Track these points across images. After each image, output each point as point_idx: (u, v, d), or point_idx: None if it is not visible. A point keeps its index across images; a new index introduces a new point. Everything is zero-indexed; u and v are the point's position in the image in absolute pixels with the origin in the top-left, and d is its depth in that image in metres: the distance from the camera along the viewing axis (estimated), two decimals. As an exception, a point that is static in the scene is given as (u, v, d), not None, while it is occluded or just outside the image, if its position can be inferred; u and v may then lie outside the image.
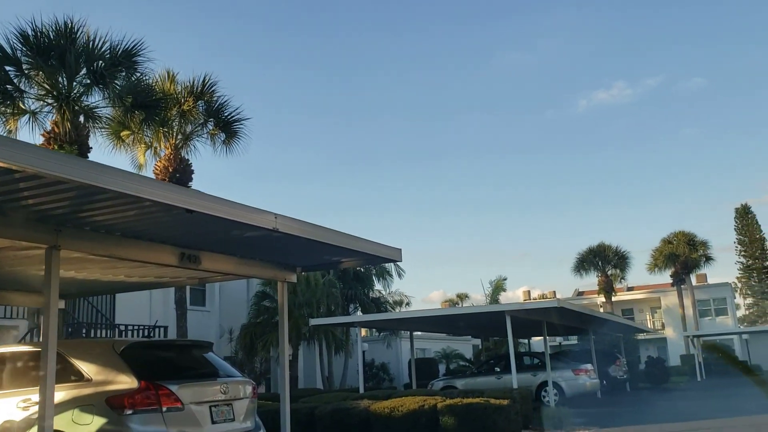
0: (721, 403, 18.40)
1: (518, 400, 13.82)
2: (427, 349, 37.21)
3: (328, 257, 8.78)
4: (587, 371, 19.83)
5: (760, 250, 66.97)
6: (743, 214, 68.09)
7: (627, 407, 18.70)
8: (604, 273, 44.55)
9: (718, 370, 37.28)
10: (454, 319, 19.13)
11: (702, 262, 43.75)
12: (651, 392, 25.25)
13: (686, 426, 12.75)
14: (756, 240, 66.96)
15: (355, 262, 9.26)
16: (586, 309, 17.86)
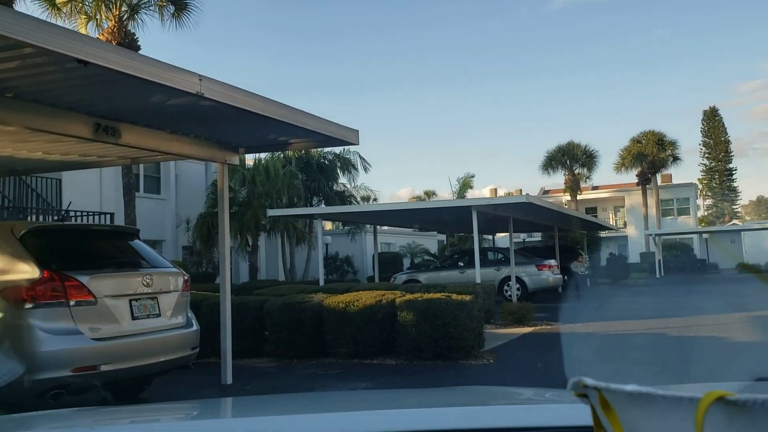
0: (679, 299, 18.46)
1: (481, 295, 13.39)
2: (392, 243, 37.03)
3: (273, 136, 7.73)
4: (550, 267, 19.61)
5: (723, 153, 67.69)
6: (711, 117, 68.22)
7: (588, 302, 18.67)
8: (571, 171, 44.26)
9: (676, 268, 38.10)
10: (419, 214, 18.47)
11: (669, 162, 43.67)
12: (611, 288, 25.52)
13: (648, 324, 12.51)
14: (721, 143, 67.49)
15: (305, 143, 8.24)
16: (554, 205, 17.36)
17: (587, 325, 12.47)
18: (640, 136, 44.42)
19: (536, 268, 19.39)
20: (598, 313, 15.27)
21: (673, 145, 43.44)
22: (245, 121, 6.71)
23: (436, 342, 8.80)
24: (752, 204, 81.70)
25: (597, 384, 0.70)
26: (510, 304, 13.19)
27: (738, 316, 12.55)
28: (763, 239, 39.71)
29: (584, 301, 19.42)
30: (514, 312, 13.02)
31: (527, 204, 15.42)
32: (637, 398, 0.65)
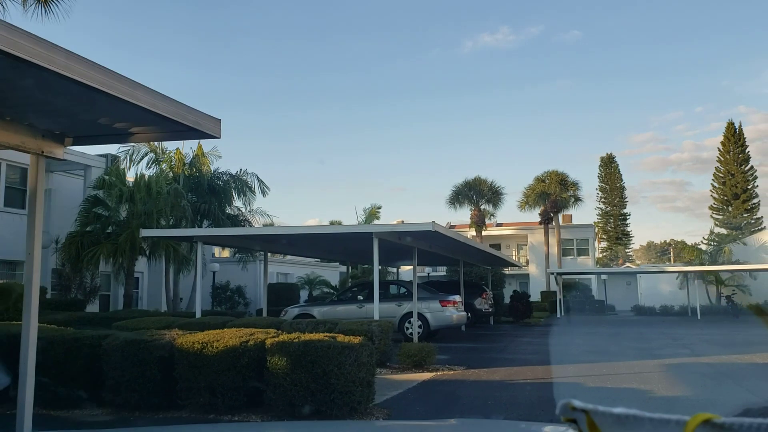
0: (585, 342, 17.55)
1: (377, 335, 11.72)
2: (290, 274, 34.91)
3: (106, 120, 5.76)
4: (455, 303, 18.28)
5: (618, 198, 70.39)
6: (607, 163, 70.95)
7: (492, 343, 17.43)
8: (477, 207, 43.93)
9: (576, 308, 38.10)
10: (315, 240, 16.68)
11: (571, 203, 44.21)
12: (514, 328, 24.56)
13: (559, 372, 11.22)
14: (616, 188, 70.18)
15: (151, 132, 6.31)
16: (461, 236, 16.13)
17: (492, 372, 11.06)
18: (544, 175, 44.84)
19: (440, 304, 18.00)
20: (502, 355, 13.94)
21: (575, 186, 44.07)
22: (66, 95, 4.78)
23: (313, 395, 7.01)
24: (642, 249, 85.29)
25: (585, 406, 0.70)
26: (409, 346, 11.56)
27: (651, 364, 11.54)
28: (657, 282, 40.61)
29: (488, 341, 18.19)
30: (413, 354, 11.41)
31: (433, 233, 14.01)
32: (625, 421, 0.65)
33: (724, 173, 55.94)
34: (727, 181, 55.46)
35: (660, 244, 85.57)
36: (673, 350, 13.85)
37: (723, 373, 10.13)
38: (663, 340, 17.46)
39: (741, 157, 55.81)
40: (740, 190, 54.71)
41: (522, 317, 27.76)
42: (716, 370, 10.34)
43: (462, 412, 7.73)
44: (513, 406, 7.91)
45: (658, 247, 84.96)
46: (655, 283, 40.57)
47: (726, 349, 13.83)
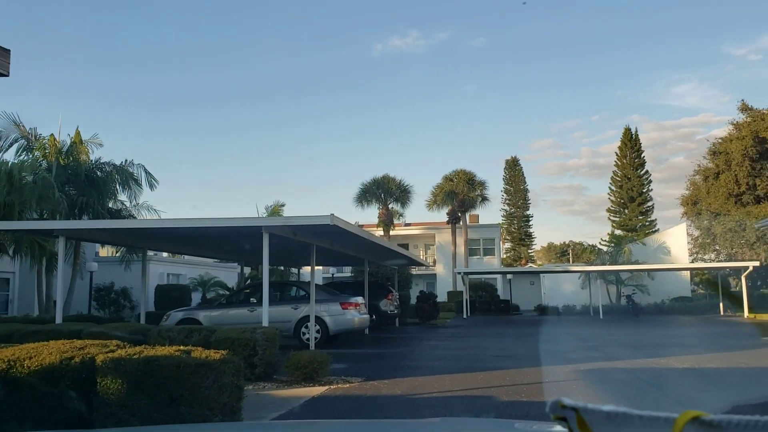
0: (494, 345, 16.60)
1: (261, 343, 10.11)
2: (182, 275, 32.44)
3: None
4: (356, 305, 16.87)
5: (522, 200, 71.68)
6: (512, 166, 72.12)
7: (397, 347, 16.15)
8: (385, 206, 42.86)
9: (482, 308, 37.74)
10: (196, 235, 14.75)
11: (478, 202, 43.98)
12: (420, 330, 23.48)
13: (466, 381, 10.01)
14: (520, 191, 71.42)
15: None
16: (362, 231, 14.75)
17: (394, 383, 9.70)
18: (452, 174, 44.39)
19: (340, 306, 16.53)
20: (407, 363, 12.65)
21: (482, 185, 43.87)
22: None
23: (157, 429, 5.34)
24: (543, 250, 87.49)
25: (575, 404, 0.70)
26: (299, 355, 10.00)
27: (566, 370, 10.56)
28: (560, 282, 41.00)
29: (392, 345, 16.90)
30: (303, 365, 9.86)
31: (332, 227, 12.54)
32: (614, 418, 0.66)
33: (621, 177, 57.71)
34: (623, 185, 57.22)
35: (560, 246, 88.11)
36: (585, 353, 13.04)
37: (643, 380, 9.27)
38: (572, 341, 16.79)
39: (637, 161, 57.75)
40: (636, 193, 56.57)
41: (429, 318, 26.78)
42: (636, 377, 9.49)
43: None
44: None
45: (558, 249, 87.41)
46: (558, 283, 40.94)
47: (639, 352, 13.18)
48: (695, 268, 39.14)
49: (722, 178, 34.56)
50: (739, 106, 34.89)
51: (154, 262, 29.75)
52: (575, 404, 0.71)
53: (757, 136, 32.31)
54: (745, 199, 34.63)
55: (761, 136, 32.12)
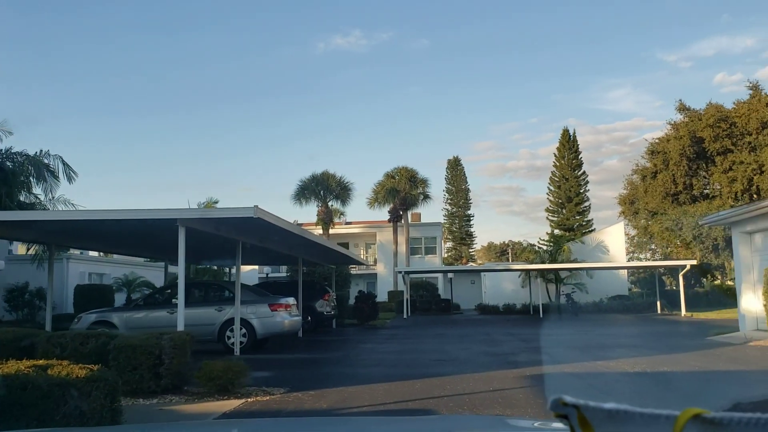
0: (436, 348, 15.68)
1: (168, 351, 8.81)
2: (106, 274, 30.38)
3: None
4: (287, 306, 15.62)
5: (463, 200, 71.69)
6: (454, 166, 72.02)
7: (331, 352, 15.02)
8: (325, 203, 41.60)
9: (423, 308, 36.98)
10: (102, 229, 13.18)
11: (420, 200, 43.25)
12: (358, 331, 22.40)
13: (404, 390, 8.98)
14: (461, 190, 71.43)
15: None
16: (293, 226, 13.55)
17: (321, 395, 8.57)
18: (394, 171, 43.51)
19: (269, 308, 15.26)
20: (339, 369, 11.54)
21: (424, 183, 43.14)
22: None
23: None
24: (484, 249, 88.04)
25: (576, 401, 0.71)
26: (211, 365, 8.75)
27: (511, 376, 9.67)
28: (500, 281, 40.64)
29: (326, 349, 15.75)
30: (217, 376, 8.62)
31: (256, 220, 11.29)
32: (616, 416, 0.66)
33: (559, 177, 58.20)
34: (562, 185, 57.70)
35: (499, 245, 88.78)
36: (529, 356, 12.23)
37: (596, 387, 8.47)
38: (514, 342, 16.03)
39: (574, 162, 58.34)
40: (573, 193, 57.14)
41: (367, 319, 25.75)
42: (587, 383, 8.68)
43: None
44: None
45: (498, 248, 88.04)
46: (498, 281, 40.58)
47: (585, 353, 12.48)
48: (634, 267, 39.47)
49: (660, 178, 34.85)
50: (677, 106, 35.32)
51: (74, 260, 27.71)
52: (576, 402, 0.70)
53: (694, 135, 32.64)
54: (681, 198, 35.02)
55: (698, 135, 32.46)
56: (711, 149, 32.20)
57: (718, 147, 31.99)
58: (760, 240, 15.28)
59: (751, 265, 15.58)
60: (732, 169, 31.64)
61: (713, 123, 32.01)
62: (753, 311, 15.43)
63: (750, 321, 15.47)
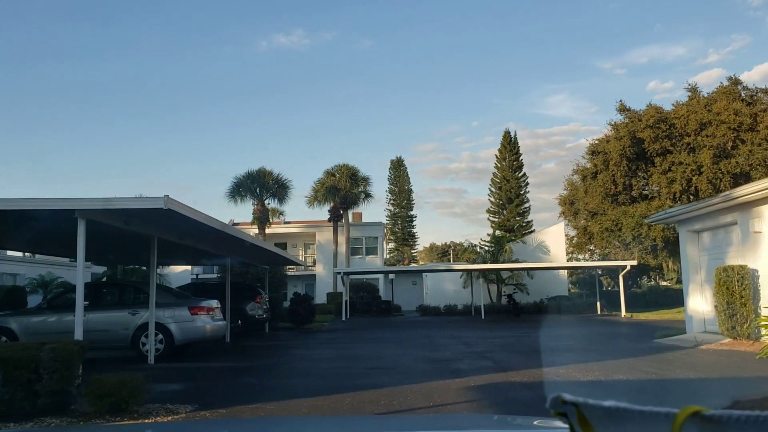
0: (370, 351, 14.56)
1: (48, 365, 7.36)
2: (21, 274, 28.01)
3: None
4: (210, 310, 14.19)
5: (406, 200, 71.16)
6: (397, 166, 71.44)
7: (258, 360, 13.68)
8: (261, 201, 39.92)
9: (362, 309, 35.87)
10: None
11: (361, 199, 42.11)
12: (292, 336, 21.06)
13: (329, 406, 7.79)
14: (404, 191, 70.91)
15: None
16: (213, 220, 12.15)
17: (235, 413, 7.30)
18: (334, 169, 42.20)
19: (189, 311, 13.80)
20: (262, 381, 10.26)
21: (365, 181, 42.01)
22: None
23: None
24: (426, 250, 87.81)
25: (576, 399, 0.70)
26: (101, 380, 7.35)
27: (454, 387, 8.62)
28: (442, 282, 39.93)
29: (253, 356, 14.40)
30: (109, 393, 7.23)
31: (167, 212, 9.89)
32: (615, 414, 0.66)
33: (500, 179, 58.36)
34: (503, 186, 57.87)
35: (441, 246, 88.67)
36: (472, 362, 11.24)
37: (549, 400, 7.51)
38: (456, 346, 15.07)
39: (515, 164, 58.62)
40: (514, 194, 57.39)
41: (303, 322, 24.42)
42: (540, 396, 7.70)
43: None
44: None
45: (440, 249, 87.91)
46: (440, 282, 39.85)
47: (531, 359, 11.57)
48: (576, 267, 39.44)
49: (600, 178, 34.79)
50: (618, 107, 35.35)
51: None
52: (576, 399, 0.70)
53: (634, 136, 32.66)
54: (621, 198, 35.06)
55: (638, 136, 32.49)
56: (650, 150, 32.28)
57: (658, 148, 32.08)
58: (708, 239, 14.80)
59: (699, 265, 15.10)
60: (671, 170, 31.77)
61: (653, 124, 32.10)
62: (700, 312, 14.94)
63: (697, 323, 14.96)
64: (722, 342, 12.44)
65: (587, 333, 16.83)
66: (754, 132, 30.44)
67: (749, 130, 30.56)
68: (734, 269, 12.31)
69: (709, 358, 10.72)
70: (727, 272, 12.36)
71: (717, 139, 30.56)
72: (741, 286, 12.15)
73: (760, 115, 31.20)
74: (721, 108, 30.80)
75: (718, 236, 14.30)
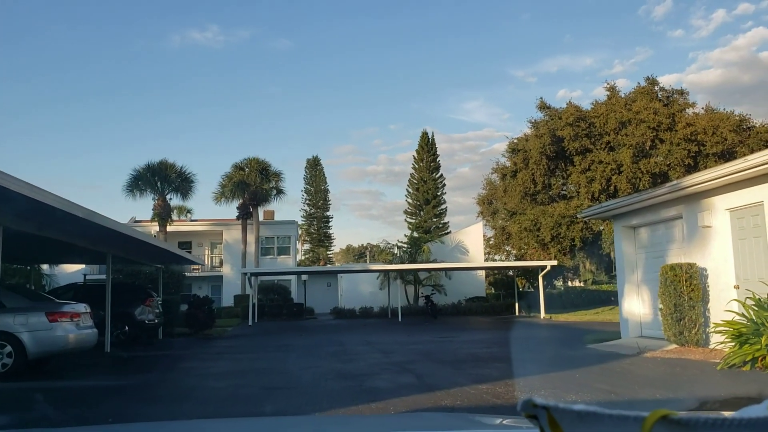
0: (270, 364, 12.49)
1: None
2: None
3: None
4: (75, 315, 11.68)
5: (322, 201, 69.28)
6: (313, 166, 69.43)
7: (135, 376, 11.30)
8: (162, 196, 36.79)
9: (272, 312, 33.53)
10: None
11: (273, 195, 39.65)
12: (187, 343, 18.59)
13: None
14: (320, 191, 68.99)
15: None
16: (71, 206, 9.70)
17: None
18: (243, 163, 39.56)
19: (46, 317, 11.25)
20: (132, 406, 8.02)
21: (277, 177, 39.62)
22: None
23: None
24: (342, 251, 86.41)
25: (546, 403, 0.70)
26: None
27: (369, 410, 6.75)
28: (357, 284, 38.09)
29: (131, 372, 11.98)
30: None
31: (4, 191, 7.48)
32: (585, 417, 0.66)
33: (418, 180, 57.66)
34: (420, 187, 57.16)
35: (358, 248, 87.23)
36: (391, 377, 9.40)
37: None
38: (372, 355, 13.21)
39: (432, 165, 58.06)
40: (431, 196, 56.77)
41: (202, 328, 21.91)
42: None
43: None
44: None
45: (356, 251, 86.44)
46: (355, 284, 38.01)
47: (460, 372, 9.86)
48: (496, 268, 38.61)
49: (519, 177, 34.03)
50: (538, 104, 34.71)
51: None
52: (546, 403, 0.70)
53: (554, 134, 32.05)
54: (540, 198, 34.45)
55: (558, 134, 31.89)
56: (570, 148, 31.76)
57: (578, 146, 31.60)
58: (646, 235, 13.65)
59: (635, 264, 13.93)
60: (591, 169, 31.35)
61: (573, 122, 31.61)
62: (636, 315, 13.77)
63: (633, 326, 13.78)
64: (667, 349, 11.20)
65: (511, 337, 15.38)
66: (672, 131, 30.40)
67: (668, 129, 30.51)
68: (683, 267, 11.09)
69: (663, 370, 9.35)
70: (675, 271, 11.13)
71: (636, 138, 30.34)
72: (689, 286, 10.95)
73: (677, 115, 31.27)
74: (641, 107, 30.62)
75: (658, 232, 13.18)
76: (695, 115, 31.90)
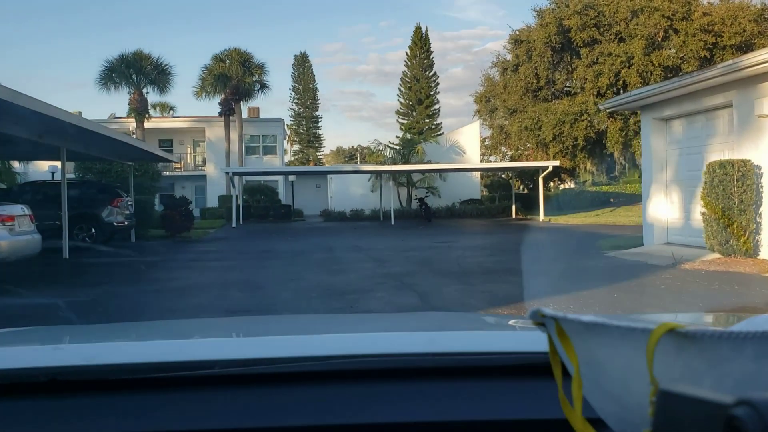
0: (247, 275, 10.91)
1: None
2: None
3: None
4: (9, 219, 9.88)
5: (311, 100, 66.86)
6: (301, 63, 66.30)
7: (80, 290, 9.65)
8: (138, 90, 34.29)
9: (258, 214, 32.02)
10: None
11: (256, 90, 37.13)
12: (160, 247, 16.97)
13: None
14: (309, 89, 66.42)
15: None
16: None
17: None
18: (224, 54, 36.73)
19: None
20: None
21: (261, 70, 36.93)
22: None
23: None
24: (332, 153, 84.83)
25: (555, 314, 0.71)
26: None
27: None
28: (348, 185, 36.36)
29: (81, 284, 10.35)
30: None
31: None
32: (593, 328, 0.67)
33: (411, 78, 55.07)
34: (413, 86, 54.68)
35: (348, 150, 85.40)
36: (387, 297, 7.78)
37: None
38: (364, 265, 11.64)
39: (426, 63, 55.28)
40: (424, 95, 54.41)
41: (179, 230, 20.30)
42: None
43: None
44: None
45: (347, 153, 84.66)
46: (346, 186, 36.29)
47: (469, 287, 8.32)
48: (495, 169, 36.94)
49: (521, 71, 31.63)
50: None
51: None
52: (555, 314, 0.71)
53: (560, 24, 29.42)
54: (542, 94, 32.24)
55: (564, 24, 29.27)
56: (577, 39, 29.26)
57: (585, 37, 29.09)
58: (681, 128, 11.80)
59: (665, 161, 12.18)
60: (598, 62, 29.00)
61: (581, 10, 28.96)
62: (663, 221, 12.18)
63: (659, 232, 12.20)
64: (706, 259, 9.66)
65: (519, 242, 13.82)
66: (688, 21, 27.90)
67: (683, 19, 27.99)
68: (734, 165, 9.35)
69: (718, 287, 7.79)
70: (725, 168, 9.39)
71: (649, 28, 27.85)
72: (741, 186, 9.27)
73: (693, 3, 28.67)
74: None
75: (696, 125, 11.36)
76: (712, 5, 29.41)
